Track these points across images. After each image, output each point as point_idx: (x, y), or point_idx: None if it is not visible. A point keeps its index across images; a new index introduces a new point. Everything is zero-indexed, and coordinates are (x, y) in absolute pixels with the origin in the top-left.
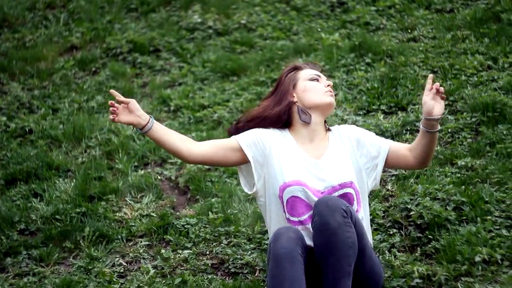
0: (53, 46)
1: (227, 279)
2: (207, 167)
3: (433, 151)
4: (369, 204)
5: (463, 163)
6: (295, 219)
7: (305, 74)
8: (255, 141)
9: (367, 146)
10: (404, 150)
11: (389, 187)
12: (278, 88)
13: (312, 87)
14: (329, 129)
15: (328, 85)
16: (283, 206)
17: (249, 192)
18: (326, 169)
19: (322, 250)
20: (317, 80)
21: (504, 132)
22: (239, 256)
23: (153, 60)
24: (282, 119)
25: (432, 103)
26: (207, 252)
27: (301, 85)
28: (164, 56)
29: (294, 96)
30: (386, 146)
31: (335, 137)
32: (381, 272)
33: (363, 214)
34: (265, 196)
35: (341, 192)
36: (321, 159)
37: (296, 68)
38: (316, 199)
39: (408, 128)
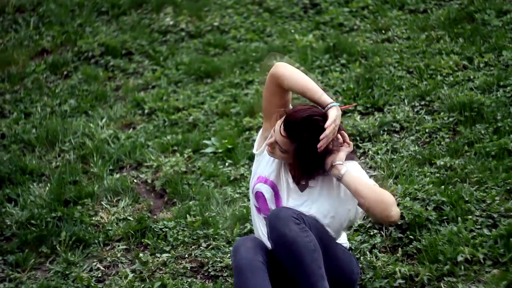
0: (23, 50)
1: (207, 282)
2: (183, 169)
3: (362, 197)
4: None
5: (442, 163)
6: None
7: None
8: None
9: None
10: None
11: None
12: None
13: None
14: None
15: (268, 144)
16: (253, 195)
17: (255, 151)
18: (304, 202)
19: (289, 262)
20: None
21: (482, 132)
22: (218, 259)
23: (126, 63)
24: None
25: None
26: (186, 256)
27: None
28: (136, 59)
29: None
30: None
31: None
32: (352, 269)
33: None
34: (253, 171)
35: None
36: (304, 193)
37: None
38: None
39: (385, 129)
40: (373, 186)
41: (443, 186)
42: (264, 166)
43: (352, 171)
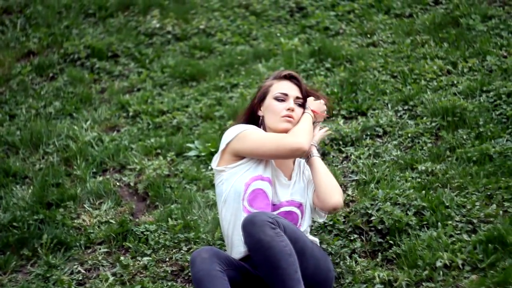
0: (9, 51)
1: (187, 286)
2: (166, 173)
3: (324, 185)
4: None
5: (423, 167)
6: (251, 209)
7: (276, 88)
8: None
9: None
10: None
11: (349, 192)
12: (256, 94)
13: (273, 108)
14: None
15: (288, 109)
16: (244, 193)
17: (214, 166)
18: (288, 186)
19: (265, 267)
20: (283, 99)
21: (464, 137)
22: None
23: (112, 66)
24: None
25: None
26: (167, 259)
27: (267, 102)
28: (122, 62)
29: (261, 111)
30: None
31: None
32: (329, 266)
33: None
34: (230, 180)
35: (286, 209)
36: (290, 180)
37: (276, 77)
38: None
39: (368, 133)
40: None
41: (424, 191)
42: (253, 169)
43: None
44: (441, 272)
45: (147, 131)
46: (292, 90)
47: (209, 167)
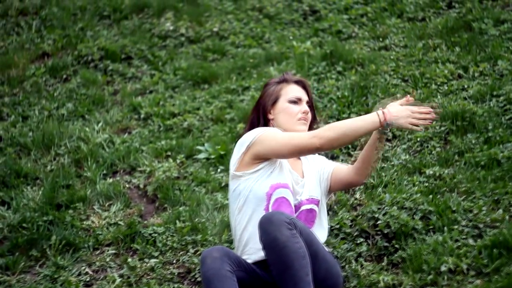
0: (24, 53)
1: None
2: (175, 175)
3: (373, 161)
4: (337, 213)
5: (431, 172)
6: None
7: (289, 92)
8: None
9: (324, 171)
10: (345, 167)
11: (357, 196)
12: (261, 98)
13: (289, 111)
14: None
15: (304, 112)
16: (268, 203)
17: (232, 171)
18: (303, 185)
19: (278, 266)
20: (297, 103)
21: (473, 141)
22: None
23: (125, 68)
24: None
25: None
26: (174, 261)
27: (281, 105)
28: (135, 64)
29: (271, 113)
30: (330, 167)
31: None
32: (339, 272)
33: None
34: (248, 185)
35: (307, 207)
36: (304, 177)
37: (284, 81)
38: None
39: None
40: None
41: (431, 196)
42: (272, 175)
43: None
44: (445, 277)
45: (158, 133)
46: (303, 94)
47: (218, 170)
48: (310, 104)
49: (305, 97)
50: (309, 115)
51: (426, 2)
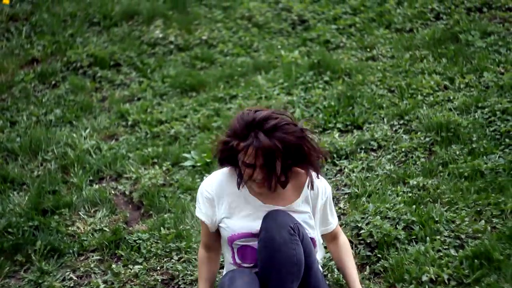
0: (14, 58)
1: None
2: (161, 182)
3: None
4: None
5: (415, 182)
6: (247, 265)
7: (242, 156)
8: (212, 210)
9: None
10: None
11: (341, 205)
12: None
13: (244, 172)
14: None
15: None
16: (233, 254)
17: (202, 218)
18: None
19: (266, 265)
20: (249, 166)
21: (457, 152)
22: (189, 272)
23: (113, 75)
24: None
25: None
26: (158, 268)
27: (239, 164)
28: (124, 71)
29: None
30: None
31: (312, 194)
32: None
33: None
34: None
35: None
36: (286, 207)
37: (240, 137)
38: None
39: (363, 147)
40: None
41: (414, 206)
42: (239, 220)
43: None
44: (427, 287)
45: (145, 140)
46: (257, 158)
47: (204, 177)
48: (275, 163)
49: (258, 162)
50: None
51: (414, 14)
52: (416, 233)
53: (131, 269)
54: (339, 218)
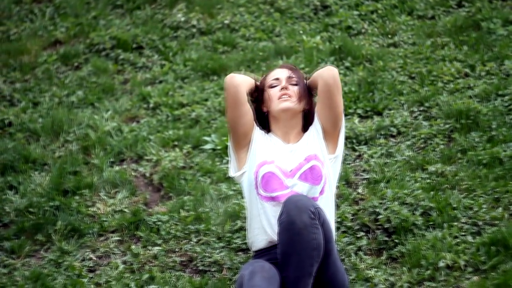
0: (37, 40)
1: (194, 276)
2: (181, 165)
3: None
4: (339, 206)
5: (433, 169)
6: (267, 194)
7: (268, 79)
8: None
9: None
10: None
11: (359, 190)
12: (258, 92)
13: (270, 95)
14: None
15: (282, 88)
16: (257, 182)
17: (233, 174)
18: (295, 150)
19: (286, 248)
20: (276, 84)
21: (476, 140)
22: (207, 254)
23: (136, 57)
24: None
25: None
26: (177, 249)
27: (265, 95)
28: (146, 54)
29: (265, 107)
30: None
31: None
32: (345, 281)
33: (329, 187)
34: (245, 175)
35: (307, 166)
36: (293, 144)
37: (266, 74)
38: (286, 179)
39: (382, 133)
40: None
41: (432, 192)
42: (257, 156)
43: None
44: (443, 272)
45: (166, 123)
46: (282, 72)
47: (224, 161)
48: (298, 80)
49: (283, 74)
50: (293, 89)
51: (436, 1)
52: (434, 219)
53: (150, 250)
54: (357, 203)
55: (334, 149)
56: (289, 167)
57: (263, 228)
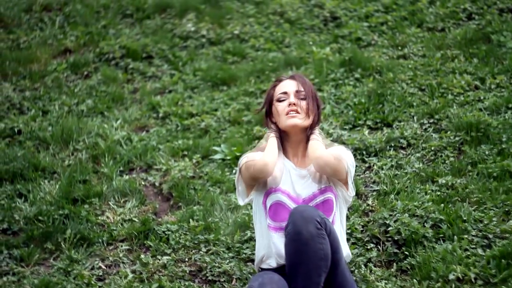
0: (47, 48)
1: (204, 286)
2: (191, 174)
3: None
4: (349, 218)
5: (444, 181)
6: (277, 224)
7: (277, 91)
8: None
9: None
10: None
11: (369, 202)
12: (265, 105)
13: (278, 110)
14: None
15: (289, 104)
16: (266, 212)
17: (242, 203)
18: (308, 176)
19: (293, 259)
20: (284, 99)
21: (486, 152)
22: (217, 264)
23: (145, 67)
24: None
25: None
26: (186, 259)
27: (274, 109)
28: (156, 63)
29: (273, 118)
30: None
31: None
32: None
33: (339, 218)
34: (255, 200)
35: (321, 198)
36: (304, 169)
37: (278, 81)
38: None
39: (392, 145)
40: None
41: (442, 205)
42: (265, 184)
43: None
44: (453, 285)
45: (176, 132)
46: (290, 86)
47: (234, 171)
48: (306, 94)
49: (292, 88)
50: (302, 104)
51: (446, 13)
52: (444, 231)
53: (159, 260)
54: (367, 215)
55: (346, 188)
56: (301, 194)
57: (274, 258)
